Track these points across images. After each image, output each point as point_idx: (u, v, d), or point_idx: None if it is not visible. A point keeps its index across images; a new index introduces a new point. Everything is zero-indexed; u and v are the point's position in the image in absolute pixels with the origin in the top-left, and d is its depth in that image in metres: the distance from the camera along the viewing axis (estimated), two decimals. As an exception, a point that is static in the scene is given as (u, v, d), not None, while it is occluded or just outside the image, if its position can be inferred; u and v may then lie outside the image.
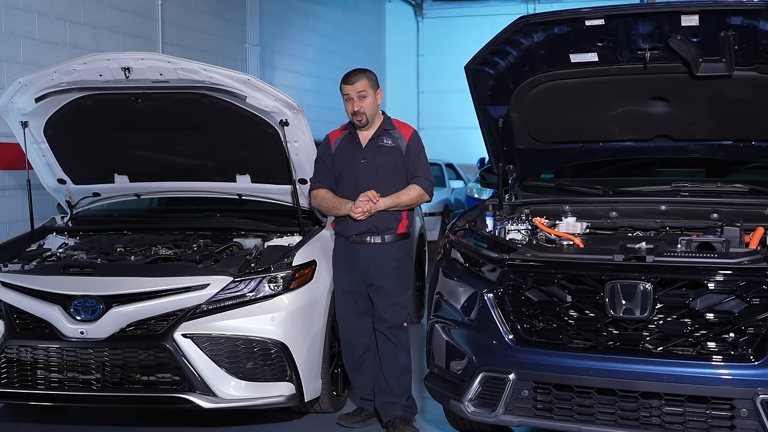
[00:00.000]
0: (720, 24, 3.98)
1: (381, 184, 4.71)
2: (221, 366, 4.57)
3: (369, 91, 4.73)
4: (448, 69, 14.81)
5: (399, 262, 4.81)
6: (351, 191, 4.73)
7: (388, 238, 4.75)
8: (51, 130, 5.29)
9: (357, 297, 4.83)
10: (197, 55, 10.56)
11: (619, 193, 4.67)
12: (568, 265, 3.96)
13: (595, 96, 4.55)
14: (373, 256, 4.74)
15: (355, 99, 4.70)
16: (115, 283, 4.70)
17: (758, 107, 4.33)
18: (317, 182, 4.89)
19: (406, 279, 4.90)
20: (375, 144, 4.78)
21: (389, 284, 4.76)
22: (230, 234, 5.43)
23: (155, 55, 4.87)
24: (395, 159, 4.77)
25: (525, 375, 3.85)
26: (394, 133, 4.81)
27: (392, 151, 4.77)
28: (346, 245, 4.80)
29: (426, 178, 4.80)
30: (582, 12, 4.13)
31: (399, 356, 4.82)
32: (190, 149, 5.32)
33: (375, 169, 4.75)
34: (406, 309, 4.89)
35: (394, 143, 4.78)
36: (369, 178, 4.73)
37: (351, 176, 4.78)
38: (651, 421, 3.67)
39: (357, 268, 4.78)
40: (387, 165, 4.76)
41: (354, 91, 4.70)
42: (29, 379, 4.66)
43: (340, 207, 4.74)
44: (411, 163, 4.78)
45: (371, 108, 4.75)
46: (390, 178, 4.75)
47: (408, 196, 4.75)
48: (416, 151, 4.80)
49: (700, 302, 3.69)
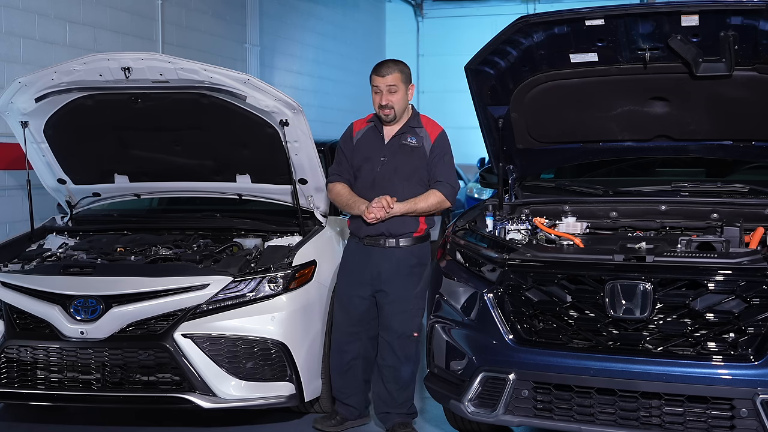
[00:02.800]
0: (720, 24, 3.98)
1: (398, 186, 4.57)
2: (221, 366, 4.57)
3: (400, 85, 4.58)
4: (448, 69, 14.79)
5: (411, 269, 4.65)
6: (367, 189, 4.62)
7: (403, 242, 4.61)
8: (51, 130, 5.28)
9: (359, 301, 4.71)
10: (197, 55, 10.55)
11: (619, 193, 4.67)
12: (568, 265, 3.96)
13: (595, 96, 4.55)
14: (385, 259, 4.61)
15: (384, 92, 4.55)
16: (115, 283, 4.69)
17: (758, 107, 4.33)
18: (336, 174, 4.74)
19: (419, 286, 4.69)
20: (398, 141, 4.63)
21: (400, 290, 4.62)
22: (230, 234, 5.42)
23: (155, 55, 4.87)
24: (417, 160, 4.61)
25: (525, 375, 3.85)
26: (420, 132, 4.65)
27: (414, 152, 4.61)
28: (359, 246, 4.68)
29: (449, 184, 4.62)
30: (582, 12, 4.13)
31: (402, 370, 4.69)
32: (190, 149, 5.32)
33: (394, 170, 4.60)
34: (417, 317, 4.72)
35: (418, 143, 4.62)
36: (386, 179, 4.59)
37: (369, 173, 4.64)
38: (651, 421, 3.67)
39: (366, 271, 4.66)
40: (407, 166, 4.61)
41: (384, 84, 4.54)
42: (29, 379, 4.66)
43: (353, 205, 4.62)
44: (434, 167, 4.61)
45: (401, 103, 4.59)
46: (409, 180, 4.60)
47: (426, 202, 4.57)
48: (441, 153, 4.63)
49: (700, 302, 3.69)
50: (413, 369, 4.76)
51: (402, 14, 21.78)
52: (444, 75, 19.47)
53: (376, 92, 4.59)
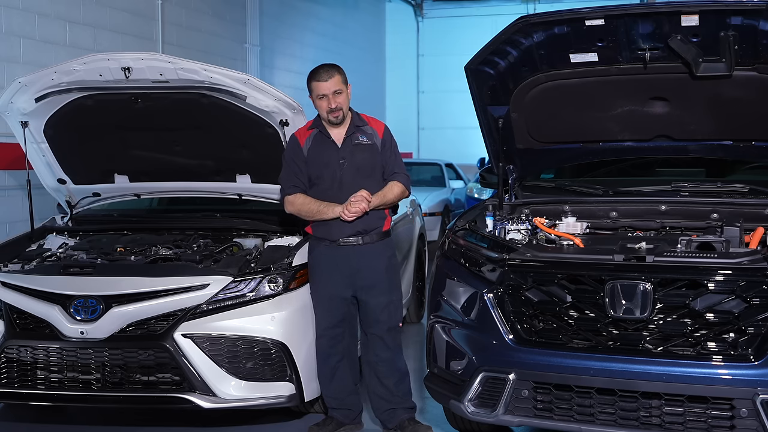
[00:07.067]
0: (720, 24, 3.97)
1: (363, 184, 4.61)
2: (221, 366, 4.57)
3: (342, 87, 4.62)
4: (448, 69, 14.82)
5: (389, 260, 4.77)
6: (334, 193, 4.63)
7: (376, 238, 4.69)
8: (51, 130, 5.29)
9: (340, 303, 4.71)
10: (197, 55, 10.56)
11: (619, 193, 4.67)
12: (568, 265, 3.96)
13: (595, 96, 4.55)
14: (363, 257, 4.66)
15: (330, 96, 4.58)
16: (115, 283, 4.70)
17: (758, 107, 4.32)
18: (292, 186, 4.70)
19: (396, 277, 4.86)
20: (351, 142, 4.67)
21: (383, 283, 4.70)
22: (230, 234, 5.43)
23: (155, 55, 4.88)
24: (372, 156, 4.69)
25: (525, 375, 3.85)
26: (368, 130, 4.72)
27: (369, 149, 4.69)
28: (332, 249, 4.66)
29: (405, 174, 4.77)
30: (582, 12, 4.13)
31: (397, 361, 4.77)
32: (190, 149, 5.32)
33: (356, 169, 4.65)
34: (400, 308, 4.85)
35: (369, 140, 4.69)
36: (352, 179, 4.63)
37: (331, 177, 4.65)
38: (651, 421, 3.67)
39: (346, 273, 4.66)
40: (367, 164, 4.68)
41: (329, 89, 4.57)
42: (29, 379, 4.66)
43: (326, 211, 4.61)
44: (388, 160, 4.72)
45: (346, 104, 4.65)
46: (370, 177, 4.67)
47: (393, 193, 4.69)
48: (391, 146, 4.75)
49: (700, 302, 3.69)
50: (404, 359, 4.83)
51: (402, 14, 21.80)
52: (444, 75, 19.49)
53: (320, 98, 4.60)
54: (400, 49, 21.45)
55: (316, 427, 4.83)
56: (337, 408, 4.84)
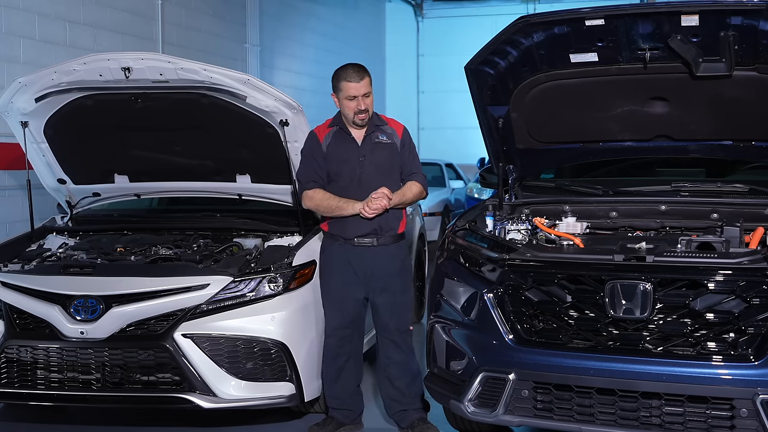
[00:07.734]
0: (720, 24, 3.97)
1: (382, 182, 4.63)
2: (221, 366, 4.57)
3: (371, 89, 4.66)
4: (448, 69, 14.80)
5: (402, 263, 4.79)
6: (353, 190, 4.63)
7: (390, 240, 4.70)
8: (51, 130, 5.29)
9: (353, 304, 4.72)
10: (197, 55, 10.56)
11: (619, 193, 4.67)
12: (568, 265, 3.96)
13: (595, 96, 4.55)
14: (378, 257, 4.66)
15: (360, 98, 4.59)
16: (115, 283, 4.70)
17: (758, 107, 4.32)
18: (311, 182, 4.70)
19: (409, 280, 4.88)
20: (371, 141, 4.69)
21: (396, 285, 4.71)
22: (230, 234, 5.43)
23: (155, 55, 4.88)
24: (392, 156, 4.71)
25: (525, 375, 3.85)
26: (387, 129, 4.74)
27: (389, 148, 4.71)
28: (347, 248, 4.67)
29: (423, 175, 4.80)
30: (582, 12, 4.13)
31: (411, 363, 4.79)
32: (190, 149, 5.32)
33: (376, 167, 4.67)
34: (410, 311, 4.86)
35: (389, 139, 4.72)
36: (372, 176, 4.64)
37: (351, 174, 4.67)
38: (651, 421, 3.67)
39: (360, 273, 4.67)
40: (386, 162, 4.70)
41: (360, 90, 4.57)
42: (29, 379, 4.67)
43: (345, 207, 4.60)
44: (406, 160, 4.75)
45: (372, 106, 4.69)
46: (390, 175, 4.70)
47: (411, 192, 4.71)
48: (410, 147, 4.79)
49: (700, 302, 3.69)
50: (417, 361, 4.84)
51: (402, 14, 21.78)
52: (444, 75, 19.47)
53: (350, 99, 4.58)
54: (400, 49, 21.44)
55: (316, 427, 4.83)
56: (338, 408, 4.84)
